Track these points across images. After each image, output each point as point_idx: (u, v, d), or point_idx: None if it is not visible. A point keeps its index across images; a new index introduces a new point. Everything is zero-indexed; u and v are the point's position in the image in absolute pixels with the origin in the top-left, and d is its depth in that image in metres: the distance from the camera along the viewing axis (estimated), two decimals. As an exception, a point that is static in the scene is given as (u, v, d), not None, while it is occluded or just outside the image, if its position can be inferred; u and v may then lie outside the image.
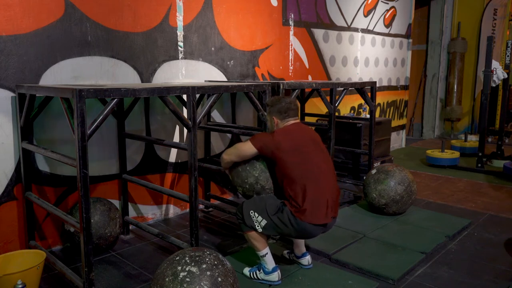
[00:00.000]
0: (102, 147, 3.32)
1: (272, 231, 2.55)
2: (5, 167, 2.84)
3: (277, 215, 2.49)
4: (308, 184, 2.44)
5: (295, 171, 2.46)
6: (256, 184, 2.62)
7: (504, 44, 7.54)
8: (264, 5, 4.48)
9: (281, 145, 2.48)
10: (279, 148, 2.47)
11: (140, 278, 2.73)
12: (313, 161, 2.52)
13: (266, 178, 2.62)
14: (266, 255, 2.60)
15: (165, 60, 3.67)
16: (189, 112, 2.66)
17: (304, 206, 2.42)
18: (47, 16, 2.92)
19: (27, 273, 2.30)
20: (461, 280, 2.72)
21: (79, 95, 2.10)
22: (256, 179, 2.61)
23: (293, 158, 2.47)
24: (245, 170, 2.63)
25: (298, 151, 2.50)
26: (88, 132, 2.17)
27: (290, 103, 2.64)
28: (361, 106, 6.22)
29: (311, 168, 2.50)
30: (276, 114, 2.64)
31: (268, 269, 2.61)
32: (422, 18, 8.36)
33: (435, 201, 4.36)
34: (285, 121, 2.63)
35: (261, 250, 2.60)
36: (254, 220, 2.54)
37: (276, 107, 2.63)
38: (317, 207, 2.45)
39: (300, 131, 2.61)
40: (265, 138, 2.55)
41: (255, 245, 2.59)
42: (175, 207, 3.94)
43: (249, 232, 2.58)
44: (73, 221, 2.36)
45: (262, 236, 2.58)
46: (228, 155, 2.66)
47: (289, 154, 2.47)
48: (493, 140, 7.49)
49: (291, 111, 2.63)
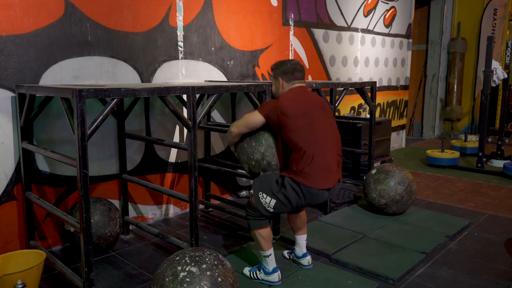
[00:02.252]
0: (102, 147, 3.32)
1: (283, 209, 2.51)
2: (5, 167, 2.84)
3: (281, 191, 2.44)
4: (312, 148, 2.38)
5: (300, 136, 2.38)
6: (262, 160, 2.51)
7: (504, 44, 7.54)
8: (264, 5, 4.48)
9: (286, 110, 2.39)
10: (284, 113, 2.39)
11: (140, 278, 2.73)
12: (319, 126, 2.45)
13: (273, 154, 2.51)
14: (270, 256, 2.58)
15: (165, 60, 3.67)
16: (189, 112, 2.66)
17: (306, 170, 2.37)
18: (47, 16, 2.92)
19: (27, 273, 2.30)
20: (461, 280, 2.72)
21: (79, 95, 2.10)
22: (262, 155, 2.50)
23: (298, 122, 2.39)
24: (250, 146, 2.53)
25: (304, 115, 2.42)
26: (88, 132, 2.17)
27: (296, 64, 2.54)
28: (361, 106, 6.22)
29: (317, 133, 2.43)
30: (281, 75, 2.54)
31: (268, 270, 2.60)
32: (422, 18, 8.36)
33: (435, 201, 4.36)
34: (291, 83, 2.54)
35: (266, 250, 2.56)
36: (263, 202, 2.48)
37: (281, 68, 2.55)
38: (319, 173, 2.40)
39: (306, 95, 2.54)
40: (271, 105, 2.46)
41: (262, 244, 2.55)
42: (175, 207, 3.94)
43: (257, 230, 2.54)
44: (73, 221, 2.36)
45: (269, 235, 2.55)
46: (237, 127, 2.53)
47: (295, 118, 2.39)
48: (493, 140, 7.49)
49: (297, 73, 2.54)
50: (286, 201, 2.46)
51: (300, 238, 2.83)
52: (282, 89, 2.57)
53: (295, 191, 2.42)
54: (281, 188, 2.45)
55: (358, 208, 4.04)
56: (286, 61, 2.59)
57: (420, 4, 8.08)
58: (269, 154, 2.52)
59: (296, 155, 2.40)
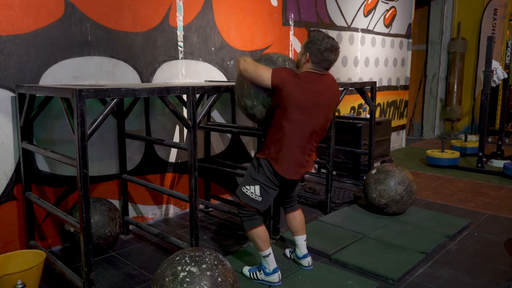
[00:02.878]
0: (102, 147, 3.32)
1: (270, 192, 2.55)
2: (5, 167, 2.84)
3: (260, 172, 2.52)
4: (294, 142, 2.43)
5: (290, 125, 2.40)
6: (250, 109, 2.57)
7: (504, 44, 7.53)
8: (264, 5, 4.48)
9: (294, 95, 2.34)
10: (291, 96, 2.35)
11: (140, 278, 2.73)
12: (312, 121, 2.44)
13: (261, 112, 2.55)
14: (269, 255, 2.58)
15: (165, 60, 3.67)
16: (189, 112, 2.66)
17: (280, 157, 2.45)
18: (47, 16, 2.92)
19: (27, 273, 2.30)
20: (461, 280, 2.72)
21: (79, 95, 2.10)
22: (253, 106, 2.55)
23: (296, 114, 2.38)
24: (249, 91, 2.52)
25: (303, 109, 2.39)
26: (88, 132, 2.17)
27: (331, 52, 2.40)
28: (361, 106, 6.22)
29: (303, 129, 2.44)
30: (311, 54, 2.41)
31: (269, 270, 2.60)
32: (422, 18, 8.36)
33: (435, 201, 4.36)
34: (313, 68, 2.44)
35: (264, 250, 2.57)
36: (249, 194, 2.54)
37: (316, 47, 2.39)
38: (292, 167, 2.48)
39: (321, 87, 2.43)
40: (287, 80, 2.35)
41: (259, 245, 2.56)
42: (175, 207, 3.94)
43: (252, 230, 2.56)
44: (73, 221, 2.36)
45: (265, 235, 2.56)
46: (245, 70, 2.43)
47: (296, 109, 2.37)
48: (493, 140, 7.48)
49: (325, 63, 2.43)
50: (267, 181, 2.52)
51: (299, 239, 2.83)
52: (305, 66, 2.47)
53: (270, 171, 2.50)
54: (259, 168, 2.53)
55: (358, 208, 4.04)
56: (324, 41, 2.40)
57: (420, 4, 8.08)
58: (259, 110, 2.56)
59: (277, 136, 2.45)
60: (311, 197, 4.27)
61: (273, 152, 2.46)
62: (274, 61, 2.54)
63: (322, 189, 4.58)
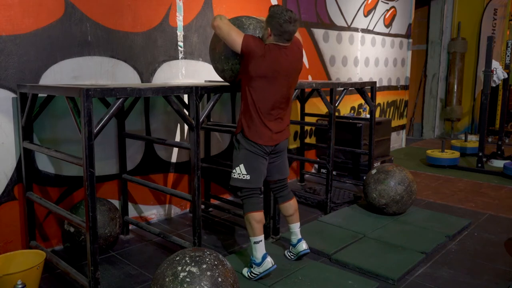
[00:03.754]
0: (102, 147, 3.32)
1: (254, 169, 2.62)
2: (5, 167, 2.84)
3: (241, 149, 2.64)
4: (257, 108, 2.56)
5: (253, 92, 2.55)
6: (221, 72, 2.85)
7: (504, 44, 7.53)
8: (264, 5, 4.48)
9: (258, 65, 2.50)
10: (255, 65, 2.50)
11: (140, 278, 2.73)
12: (272, 91, 2.56)
13: (230, 75, 2.81)
14: (260, 242, 2.61)
15: (165, 60, 3.67)
16: (193, 112, 2.67)
17: (249, 125, 2.59)
18: (47, 16, 2.91)
19: (27, 273, 2.30)
20: (461, 280, 2.72)
21: (86, 94, 2.12)
22: (223, 70, 2.80)
23: (257, 82, 2.53)
24: (220, 56, 2.76)
25: (265, 78, 2.53)
26: (94, 131, 2.18)
27: (289, 23, 2.48)
28: (361, 106, 6.22)
29: (267, 97, 2.56)
30: (273, 28, 2.51)
31: (258, 259, 2.61)
32: (422, 18, 8.36)
33: (435, 201, 4.36)
34: (275, 41, 2.54)
35: (258, 235, 2.61)
36: (237, 176, 2.64)
37: (275, 20, 2.48)
38: (260, 131, 2.59)
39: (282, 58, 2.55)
40: (254, 49, 2.50)
41: (254, 228, 2.60)
42: (175, 207, 3.94)
43: (250, 213, 2.62)
44: (79, 220, 2.36)
45: (262, 220, 2.63)
46: (218, 28, 2.55)
47: (257, 77, 2.52)
48: (493, 140, 7.49)
49: (286, 34, 2.52)
50: (249, 154, 2.61)
51: (294, 226, 2.91)
52: (268, 40, 2.56)
53: (247, 143, 2.61)
54: (238, 146, 2.66)
55: (358, 208, 4.04)
56: (283, 15, 2.48)
57: (420, 4, 8.08)
58: (228, 74, 2.82)
59: (245, 107, 2.60)
60: (311, 197, 4.27)
61: (244, 123, 2.61)
62: (245, 28, 2.70)
63: (322, 189, 4.58)
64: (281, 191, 2.91)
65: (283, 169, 2.86)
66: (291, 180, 5.09)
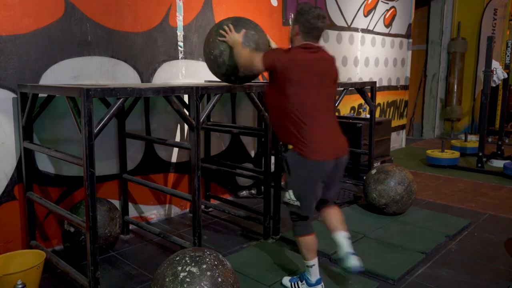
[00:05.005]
0: (102, 147, 3.32)
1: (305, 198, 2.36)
2: (5, 167, 2.84)
3: (291, 173, 2.35)
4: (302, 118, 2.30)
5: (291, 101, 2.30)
6: (219, 57, 2.80)
7: (504, 44, 7.53)
8: (264, 5, 4.48)
9: (289, 71, 2.28)
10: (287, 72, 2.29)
11: (140, 278, 2.73)
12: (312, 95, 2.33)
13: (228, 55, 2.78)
14: (313, 266, 2.45)
15: (165, 60, 3.67)
16: (193, 112, 2.66)
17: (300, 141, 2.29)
18: (47, 16, 2.91)
19: (27, 273, 2.30)
20: (461, 280, 2.72)
21: (86, 94, 2.12)
22: (221, 53, 2.79)
23: (294, 89, 2.29)
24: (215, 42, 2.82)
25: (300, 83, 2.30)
26: (95, 131, 2.18)
27: (318, 19, 2.35)
28: (361, 106, 6.22)
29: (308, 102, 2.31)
30: (301, 26, 2.37)
31: (311, 281, 2.47)
32: (422, 18, 8.36)
33: (435, 201, 4.36)
34: (305, 39, 2.39)
35: (310, 260, 2.44)
36: (287, 201, 2.39)
37: (304, 17, 2.35)
38: (314, 146, 2.29)
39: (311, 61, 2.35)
40: (278, 59, 2.32)
41: (304, 254, 2.45)
42: (175, 207, 3.94)
43: (299, 237, 2.44)
44: (79, 220, 2.36)
45: (312, 244, 2.44)
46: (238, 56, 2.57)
47: (293, 84, 2.29)
48: (493, 140, 7.48)
49: (316, 31, 2.37)
50: (299, 178, 2.34)
51: (338, 235, 2.55)
52: (295, 39, 2.42)
53: (300, 163, 2.31)
54: (289, 169, 2.36)
55: (358, 208, 4.04)
56: (312, 11, 2.35)
57: (420, 4, 8.07)
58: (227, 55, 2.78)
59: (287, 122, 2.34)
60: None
61: (294, 140, 2.33)
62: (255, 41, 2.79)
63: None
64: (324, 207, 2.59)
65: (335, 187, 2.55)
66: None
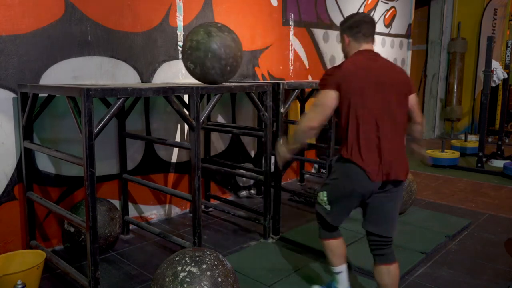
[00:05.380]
0: (102, 147, 3.32)
1: (338, 202, 2.17)
2: (5, 167, 2.84)
3: (332, 175, 2.16)
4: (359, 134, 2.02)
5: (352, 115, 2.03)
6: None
7: (504, 44, 7.53)
8: (264, 5, 4.48)
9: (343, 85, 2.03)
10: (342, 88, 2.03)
11: (140, 278, 2.73)
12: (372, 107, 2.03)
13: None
14: (340, 273, 2.29)
15: (165, 60, 3.67)
16: (193, 112, 2.66)
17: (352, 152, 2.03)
18: (47, 16, 2.91)
19: (27, 273, 2.30)
20: (461, 280, 2.72)
21: (87, 94, 2.12)
22: None
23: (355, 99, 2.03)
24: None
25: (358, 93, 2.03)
26: (95, 131, 2.18)
27: (364, 16, 2.20)
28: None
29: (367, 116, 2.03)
30: (347, 31, 2.18)
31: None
32: (422, 18, 8.36)
33: (435, 201, 4.36)
34: (358, 43, 2.15)
35: (336, 266, 2.29)
36: (320, 201, 2.21)
37: (347, 23, 2.19)
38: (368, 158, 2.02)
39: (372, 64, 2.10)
40: (331, 77, 2.07)
41: (330, 259, 2.29)
42: (175, 207, 3.94)
43: (324, 240, 2.29)
44: (79, 220, 2.36)
45: (338, 249, 2.27)
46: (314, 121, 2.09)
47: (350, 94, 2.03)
48: (493, 140, 7.49)
49: (364, 25, 2.14)
50: (339, 183, 2.12)
51: None
52: (349, 49, 2.20)
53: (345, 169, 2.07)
54: (331, 170, 2.19)
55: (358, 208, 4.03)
56: (354, 14, 2.22)
57: (420, 4, 8.07)
58: None
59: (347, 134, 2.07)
60: (311, 197, 4.27)
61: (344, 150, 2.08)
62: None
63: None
64: (380, 247, 2.17)
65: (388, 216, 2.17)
66: (291, 180, 5.09)
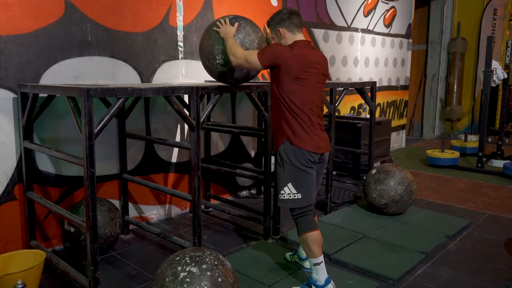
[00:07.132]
0: (102, 147, 3.32)
1: (304, 187, 2.36)
2: (5, 167, 2.84)
3: (285, 167, 2.35)
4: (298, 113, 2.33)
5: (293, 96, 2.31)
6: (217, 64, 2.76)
7: (504, 44, 7.53)
8: (264, 5, 4.48)
9: (291, 68, 2.28)
10: (288, 69, 2.29)
11: (140, 278, 2.73)
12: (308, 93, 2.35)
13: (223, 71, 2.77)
14: (320, 263, 2.39)
15: (165, 60, 3.67)
16: (193, 112, 2.66)
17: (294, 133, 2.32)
18: (47, 16, 2.91)
19: (27, 273, 2.30)
20: (461, 280, 2.72)
21: (87, 94, 2.12)
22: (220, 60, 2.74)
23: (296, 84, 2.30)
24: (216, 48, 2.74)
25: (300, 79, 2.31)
26: (95, 131, 2.19)
27: (290, 9, 2.43)
28: (361, 106, 6.22)
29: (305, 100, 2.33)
30: (280, 25, 2.39)
31: (320, 283, 2.39)
32: (422, 18, 8.36)
33: (435, 201, 4.36)
34: (292, 33, 2.41)
35: (319, 256, 2.38)
36: (287, 197, 2.36)
37: (276, 18, 2.40)
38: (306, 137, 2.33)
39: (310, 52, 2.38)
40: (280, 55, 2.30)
41: (313, 249, 2.36)
42: (175, 207, 3.94)
43: (307, 233, 2.38)
44: (79, 220, 2.36)
45: (320, 239, 2.40)
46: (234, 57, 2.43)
47: (293, 81, 2.30)
48: (493, 140, 7.48)
49: (294, 16, 2.38)
50: (296, 170, 2.34)
51: None
52: (286, 40, 2.42)
53: (294, 154, 2.33)
54: (283, 161, 2.37)
55: (358, 208, 4.04)
56: (279, 10, 2.43)
57: (420, 4, 8.07)
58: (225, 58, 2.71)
59: (284, 116, 2.35)
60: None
61: (288, 131, 2.35)
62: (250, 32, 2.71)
63: (322, 189, 4.56)
64: None
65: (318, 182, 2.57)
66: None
